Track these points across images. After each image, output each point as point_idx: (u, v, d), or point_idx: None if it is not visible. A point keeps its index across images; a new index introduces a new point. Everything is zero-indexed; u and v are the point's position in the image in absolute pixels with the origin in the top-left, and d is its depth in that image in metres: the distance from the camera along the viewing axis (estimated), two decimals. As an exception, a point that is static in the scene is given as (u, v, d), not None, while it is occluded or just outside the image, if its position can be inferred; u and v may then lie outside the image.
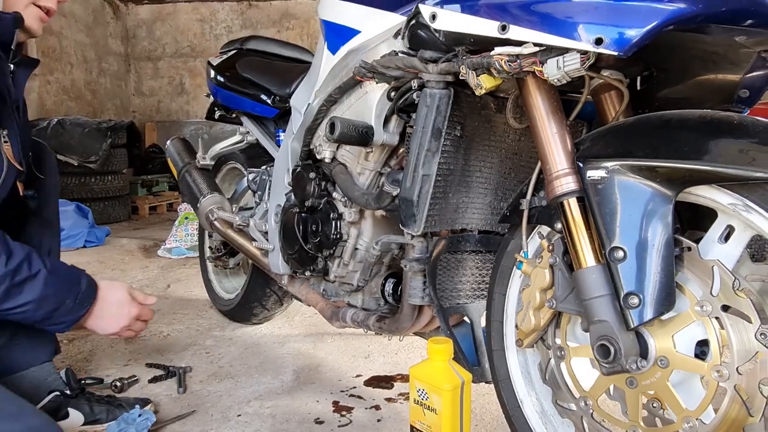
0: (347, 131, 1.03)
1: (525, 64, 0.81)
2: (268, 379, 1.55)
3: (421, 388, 1.07)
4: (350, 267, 1.28)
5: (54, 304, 1.03)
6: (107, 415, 1.27)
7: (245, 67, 1.78)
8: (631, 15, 0.71)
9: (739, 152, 0.71)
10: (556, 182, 0.86)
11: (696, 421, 0.75)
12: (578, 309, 0.85)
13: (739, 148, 0.71)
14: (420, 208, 1.00)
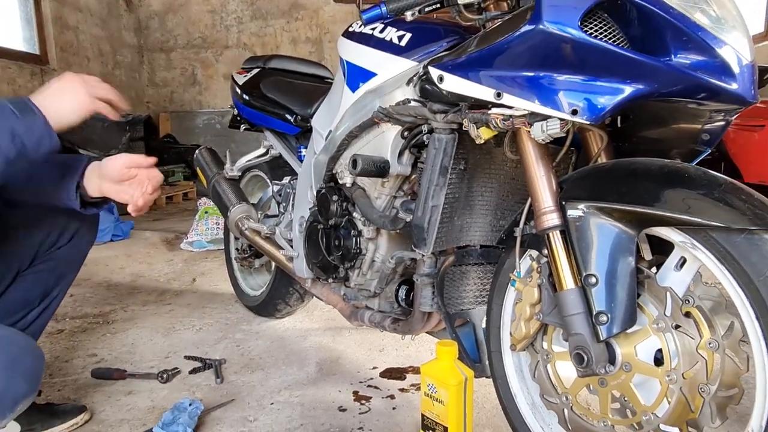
0: (367, 167, 1.21)
1: (516, 123, 0.98)
2: (294, 370, 1.76)
3: (431, 383, 1.26)
4: (368, 276, 1.47)
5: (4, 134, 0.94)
6: (42, 425, 1.33)
7: (269, 87, 1.95)
8: (600, 92, 0.88)
9: (685, 201, 0.88)
10: (543, 217, 1.03)
11: (651, 415, 0.94)
12: (560, 322, 1.03)
13: (686, 197, 0.88)
14: (429, 233, 1.18)
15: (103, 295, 2.61)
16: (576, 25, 0.87)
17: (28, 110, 0.98)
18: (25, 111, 0.97)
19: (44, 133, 0.98)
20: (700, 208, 0.86)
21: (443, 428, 1.25)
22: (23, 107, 0.98)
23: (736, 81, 0.90)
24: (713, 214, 0.85)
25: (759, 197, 0.86)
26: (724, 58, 0.89)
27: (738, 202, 0.85)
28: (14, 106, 0.97)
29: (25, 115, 0.97)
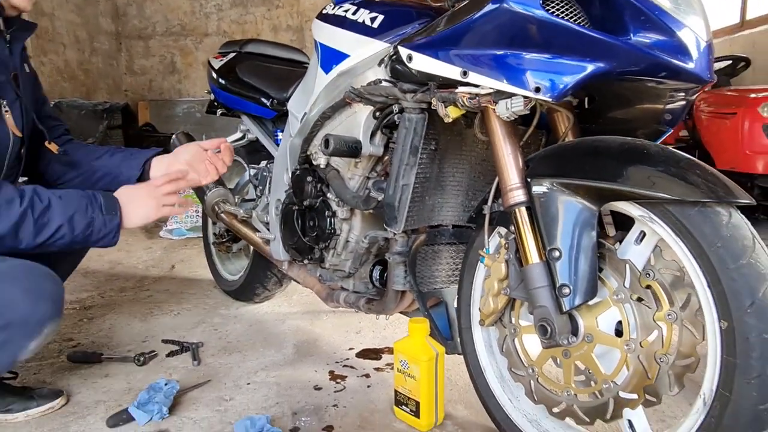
0: (339, 146, 1.22)
1: (482, 101, 1.01)
2: (272, 352, 1.77)
3: (403, 359, 1.29)
4: (342, 256, 1.49)
5: (85, 219, 1.14)
6: (19, 406, 1.37)
7: (245, 71, 1.95)
8: (561, 69, 0.90)
9: (644, 177, 0.91)
10: (509, 194, 1.06)
11: (611, 383, 0.97)
12: (525, 296, 1.06)
13: (645, 173, 0.91)
14: (400, 211, 1.20)
15: (80, 282, 2.59)
16: (538, 4, 0.89)
17: (113, 211, 1.19)
18: (110, 210, 1.19)
19: (112, 233, 1.19)
20: (658, 183, 0.89)
21: (415, 403, 1.28)
22: (110, 206, 1.19)
23: (693, 61, 0.93)
24: (669, 188, 0.88)
25: (714, 172, 0.90)
26: (682, 38, 0.92)
27: (693, 177, 0.88)
28: (105, 201, 1.19)
29: (108, 214, 1.18)
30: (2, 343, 1.04)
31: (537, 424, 1.14)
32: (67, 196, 1.15)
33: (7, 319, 1.03)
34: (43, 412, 1.40)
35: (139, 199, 1.25)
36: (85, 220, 1.14)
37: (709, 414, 0.86)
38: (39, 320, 1.06)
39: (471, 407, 1.40)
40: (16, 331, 1.04)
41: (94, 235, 1.16)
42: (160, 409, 1.34)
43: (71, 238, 1.13)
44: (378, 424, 1.33)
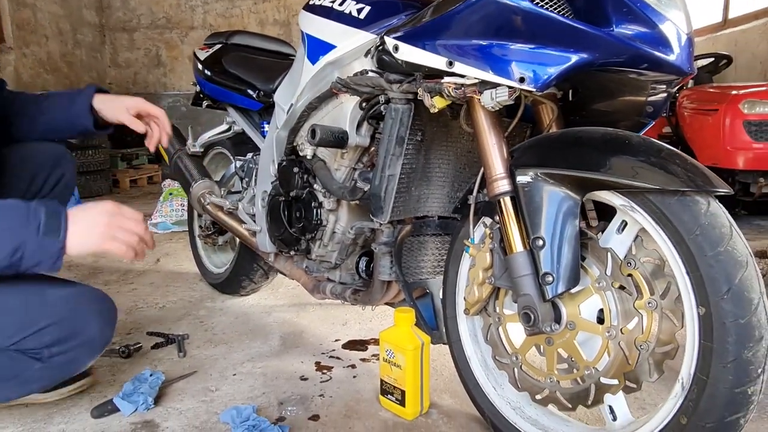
0: (326, 137, 1.22)
1: (467, 92, 1.01)
2: (257, 344, 1.77)
3: (389, 349, 1.30)
4: (329, 247, 1.49)
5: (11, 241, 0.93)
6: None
7: (231, 62, 1.94)
8: (546, 60, 0.92)
9: (626, 167, 0.92)
10: (494, 184, 1.07)
11: (593, 369, 0.99)
12: (510, 284, 1.07)
13: (627, 163, 0.93)
14: (386, 202, 1.21)
15: (63, 275, 2.55)
16: (523, -6, 0.90)
17: (54, 232, 0.97)
18: (50, 231, 0.96)
19: (51, 258, 0.97)
20: (639, 173, 0.91)
21: (401, 392, 1.29)
22: (52, 227, 0.97)
23: (674, 53, 0.95)
24: (650, 178, 0.89)
25: (693, 163, 0.92)
26: (664, 31, 0.94)
27: (673, 167, 0.90)
28: (47, 218, 0.97)
29: (47, 236, 0.96)
30: (73, 359, 1.12)
31: (521, 411, 1.15)
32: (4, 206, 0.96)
33: (82, 339, 1.11)
34: (72, 390, 1.43)
35: (89, 222, 1.02)
36: (11, 243, 0.93)
37: (687, 398, 0.88)
38: (104, 342, 1.15)
39: (456, 396, 1.41)
40: (85, 350, 1.13)
41: (25, 261, 0.95)
42: (145, 399, 1.34)
43: None
44: (364, 413, 1.34)
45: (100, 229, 1.02)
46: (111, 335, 1.18)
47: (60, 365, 1.12)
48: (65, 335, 1.09)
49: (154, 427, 1.29)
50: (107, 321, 1.16)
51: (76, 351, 1.12)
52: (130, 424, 1.30)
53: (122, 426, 1.30)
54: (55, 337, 1.08)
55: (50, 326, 1.07)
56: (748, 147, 3.01)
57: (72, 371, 1.18)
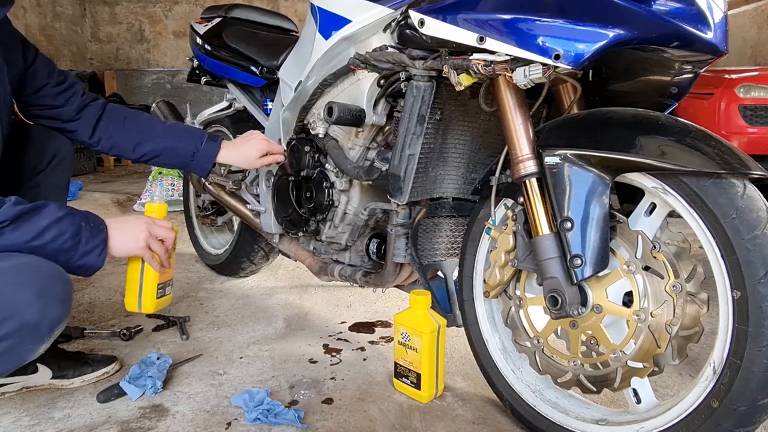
0: (343, 114, 1.19)
1: (497, 69, 0.98)
2: (262, 326, 1.74)
3: (404, 332, 1.28)
4: (339, 229, 1.46)
5: (73, 225, 1.00)
6: (74, 372, 1.36)
7: (233, 37, 1.88)
8: (582, 36, 0.89)
9: (659, 148, 0.91)
10: (520, 165, 1.05)
11: (620, 352, 0.99)
12: (534, 267, 1.06)
13: (659, 144, 0.91)
14: (406, 182, 1.18)
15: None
16: (562, -33, 0.87)
17: (98, 226, 1.05)
18: (96, 225, 1.05)
19: (99, 248, 1.04)
20: (673, 154, 0.89)
21: (416, 375, 1.28)
22: (96, 222, 1.06)
23: (711, 30, 0.92)
24: (686, 160, 0.88)
25: (727, 144, 0.90)
26: (701, 7, 0.92)
27: (707, 149, 0.89)
28: (89, 215, 1.06)
29: (95, 228, 1.05)
30: (11, 347, 0.94)
31: (540, 394, 1.15)
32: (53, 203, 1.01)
33: (18, 323, 0.92)
34: (98, 377, 1.40)
35: (127, 227, 1.10)
36: (74, 225, 1.00)
37: (719, 381, 0.87)
38: (50, 324, 0.97)
39: (469, 379, 1.40)
40: (26, 335, 0.95)
41: (81, 245, 1.01)
42: (153, 383, 1.31)
43: (60, 244, 0.99)
44: (378, 396, 1.32)
45: (139, 234, 1.10)
46: (62, 315, 0.99)
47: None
48: None
49: (163, 412, 1.26)
50: (54, 297, 0.97)
51: (13, 338, 0.93)
52: (138, 409, 1.27)
53: (130, 410, 1.27)
54: None
55: None
56: (743, 131, 3.03)
57: (16, 362, 0.98)
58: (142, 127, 1.37)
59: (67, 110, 1.32)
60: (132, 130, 1.36)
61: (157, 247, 1.13)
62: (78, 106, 1.33)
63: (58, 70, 1.33)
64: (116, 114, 1.37)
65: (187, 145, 1.37)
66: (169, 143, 1.37)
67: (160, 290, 1.21)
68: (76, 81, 1.36)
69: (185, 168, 1.44)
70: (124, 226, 1.10)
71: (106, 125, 1.35)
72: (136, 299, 1.21)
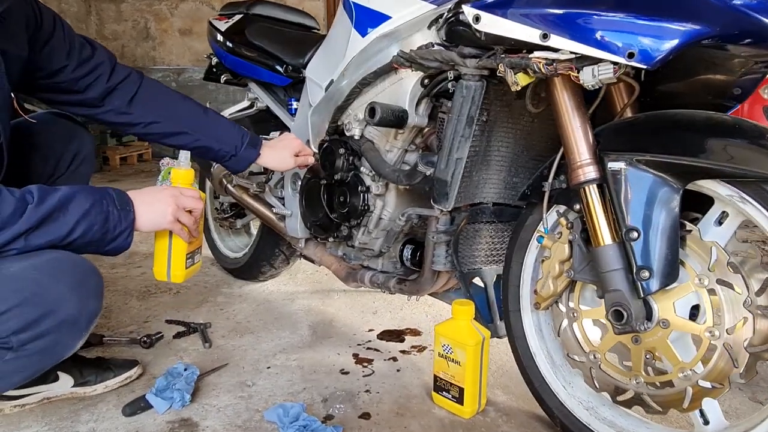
0: (386, 115, 1.12)
1: (560, 68, 0.92)
2: (286, 334, 1.68)
3: (446, 344, 1.22)
4: (373, 235, 1.40)
5: (101, 214, 0.96)
6: (96, 378, 1.31)
7: (256, 34, 1.81)
8: (658, 33, 0.83)
9: (736, 153, 0.85)
10: (579, 170, 0.99)
11: (690, 371, 0.92)
12: (594, 279, 1.00)
13: (737, 149, 0.85)
14: (452, 187, 1.12)
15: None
16: (638, -42, 0.81)
17: (126, 207, 1.00)
18: (123, 206, 1.00)
19: (126, 231, 1.00)
20: (754, 160, 0.83)
21: (458, 389, 1.22)
22: (123, 202, 1.01)
23: (791, 27, 0.86)
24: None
25: (810, 149, 0.84)
26: (782, 1, 0.86)
27: (790, 154, 0.83)
28: (117, 195, 1.01)
29: (122, 210, 1.00)
30: (53, 343, 0.93)
31: (594, 411, 1.09)
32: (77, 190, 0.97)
33: (59, 318, 0.91)
34: (120, 382, 1.35)
35: (154, 201, 1.05)
36: (102, 215, 0.96)
37: (805, 405, 0.81)
38: (88, 317, 0.96)
39: (510, 392, 1.34)
40: (66, 330, 0.93)
41: (110, 233, 0.98)
42: (182, 396, 1.25)
43: (90, 236, 0.95)
44: (416, 410, 1.26)
45: (166, 208, 1.05)
46: (97, 308, 0.99)
47: (37, 352, 0.93)
48: (36, 316, 0.90)
49: (192, 426, 1.20)
50: (90, 291, 0.97)
51: (54, 334, 0.92)
52: (166, 423, 1.21)
53: (158, 425, 1.21)
54: (23, 320, 0.89)
55: (15, 308, 0.89)
56: (767, 133, 2.97)
57: (55, 357, 0.98)
58: (181, 116, 1.30)
59: (90, 96, 1.22)
60: (170, 119, 1.29)
61: (186, 219, 1.09)
62: (103, 92, 1.22)
63: (80, 45, 1.20)
64: (153, 94, 1.29)
65: (227, 147, 1.32)
66: (208, 141, 1.31)
67: (189, 260, 1.18)
68: (104, 59, 1.23)
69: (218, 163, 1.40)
70: (151, 199, 1.05)
71: (141, 109, 1.26)
72: (164, 269, 1.17)
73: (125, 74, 1.26)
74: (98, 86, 1.22)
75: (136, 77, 1.28)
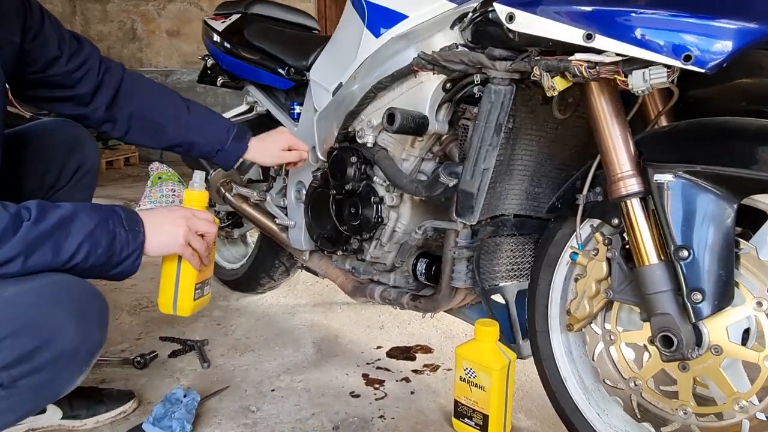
0: (406, 122, 1.04)
1: (603, 72, 0.84)
2: (289, 351, 1.59)
3: (469, 368, 1.14)
4: (386, 248, 1.31)
5: (107, 235, 0.87)
6: (87, 411, 1.22)
7: (255, 34, 1.72)
8: (719, 33, 0.75)
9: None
10: (620, 183, 0.91)
11: (746, 402, 0.85)
12: (636, 300, 0.92)
13: (802, 161, 0.78)
14: (478, 200, 1.04)
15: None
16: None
17: (135, 227, 0.91)
18: (132, 226, 0.91)
19: (135, 254, 0.91)
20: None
21: (482, 416, 1.13)
22: (132, 222, 0.91)
23: None
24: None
25: None
26: None
27: None
28: (126, 214, 0.92)
29: (131, 231, 0.91)
30: (49, 379, 0.82)
31: (633, 441, 1.01)
32: (81, 207, 0.88)
33: (56, 351, 0.80)
34: (113, 417, 1.24)
35: (165, 222, 0.95)
36: (108, 236, 0.87)
37: None
38: (90, 350, 0.85)
39: (533, 416, 1.26)
40: (65, 364, 0.82)
41: (116, 255, 0.88)
42: (182, 426, 1.15)
43: (94, 260, 0.85)
44: (436, 439, 1.18)
45: (178, 231, 0.95)
46: (101, 339, 0.87)
47: (32, 389, 0.82)
48: (30, 348, 0.79)
49: (194, 460, 1.11)
50: (92, 320, 0.86)
51: (51, 368, 0.81)
52: (165, 456, 1.11)
53: (156, 458, 1.11)
54: (16, 352, 0.78)
55: (6, 339, 0.78)
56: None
57: (52, 395, 0.88)
58: (165, 114, 1.22)
59: (82, 91, 1.12)
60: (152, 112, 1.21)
61: (197, 244, 0.99)
62: (93, 86, 1.13)
63: (69, 38, 1.11)
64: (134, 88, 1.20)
65: (213, 141, 1.25)
66: (193, 136, 1.24)
67: (198, 290, 1.07)
68: (92, 52, 1.14)
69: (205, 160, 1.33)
70: (162, 220, 0.96)
71: (124, 104, 1.18)
72: (171, 300, 1.06)
73: (108, 68, 1.18)
74: (89, 80, 1.13)
75: (117, 69, 1.20)
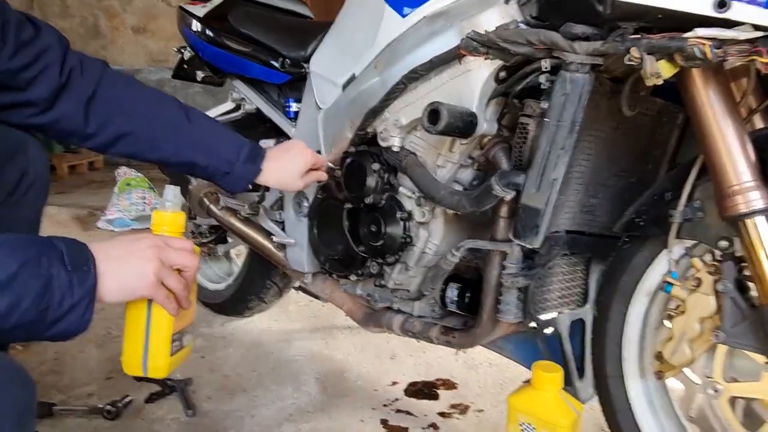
0: (453, 120, 0.83)
1: (734, 51, 0.64)
2: (289, 391, 1.36)
3: (528, 423, 0.93)
4: (411, 273, 1.10)
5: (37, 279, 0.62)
6: None
7: (243, 21, 1.48)
8: None
9: None
10: (738, 197, 0.72)
11: None
12: (760, 346, 0.72)
13: None
14: (544, 218, 0.83)
15: None
16: None
17: (82, 266, 0.65)
18: (78, 265, 0.64)
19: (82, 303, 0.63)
20: None
21: (543, 482, 0.92)
22: (78, 258, 0.65)
23: None
24: None
25: None
26: None
27: None
28: (68, 249, 0.65)
29: (75, 272, 0.64)
30: None
31: None
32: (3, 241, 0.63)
33: None
34: None
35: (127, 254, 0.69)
36: (39, 279, 0.62)
37: None
38: None
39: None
40: None
41: (52, 309, 0.63)
42: (167, 507, 0.91)
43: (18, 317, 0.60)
44: None
45: (145, 266, 0.68)
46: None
47: None
48: None
49: None
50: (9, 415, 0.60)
51: None
52: None
53: None
54: None
55: None
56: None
57: None
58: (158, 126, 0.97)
59: (36, 96, 0.87)
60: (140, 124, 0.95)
61: (173, 282, 0.72)
62: (54, 89, 0.88)
63: (18, 24, 0.84)
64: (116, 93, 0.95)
65: (218, 162, 0.99)
66: (193, 155, 0.99)
67: (176, 342, 0.77)
68: (52, 43, 0.88)
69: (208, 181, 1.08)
70: (123, 254, 0.69)
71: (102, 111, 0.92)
72: (139, 358, 0.75)
73: (79, 66, 0.91)
74: (47, 81, 0.87)
75: (95, 68, 0.94)
